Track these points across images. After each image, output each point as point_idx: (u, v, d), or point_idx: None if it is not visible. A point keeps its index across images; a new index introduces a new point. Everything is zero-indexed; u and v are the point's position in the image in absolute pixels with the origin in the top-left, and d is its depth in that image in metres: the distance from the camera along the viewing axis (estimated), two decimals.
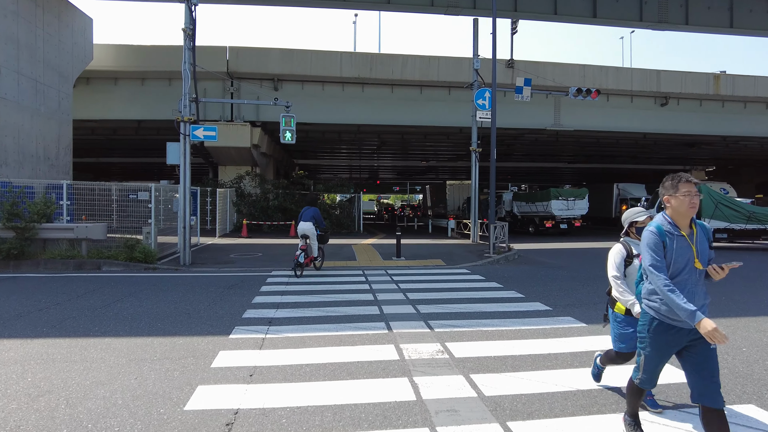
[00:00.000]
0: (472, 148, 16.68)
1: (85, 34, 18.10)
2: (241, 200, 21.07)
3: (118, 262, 10.23)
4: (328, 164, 45.40)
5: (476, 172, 16.76)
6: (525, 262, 12.30)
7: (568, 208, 23.20)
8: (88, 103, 21.28)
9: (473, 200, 16.77)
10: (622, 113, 25.15)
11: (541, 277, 9.68)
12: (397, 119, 22.80)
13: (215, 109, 21.59)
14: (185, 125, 10.74)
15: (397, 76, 21.60)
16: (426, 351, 4.77)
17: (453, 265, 11.22)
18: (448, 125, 23.61)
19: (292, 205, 20.83)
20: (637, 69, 24.30)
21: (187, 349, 4.83)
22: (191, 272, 10.00)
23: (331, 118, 22.29)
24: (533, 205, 24.51)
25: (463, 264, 11.41)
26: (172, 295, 7.51)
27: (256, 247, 14.37)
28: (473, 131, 16.94)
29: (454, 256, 12.74)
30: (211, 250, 13.72)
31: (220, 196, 17.89)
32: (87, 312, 6.34)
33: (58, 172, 16.30)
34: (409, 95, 22.61)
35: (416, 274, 9.89)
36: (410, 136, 27.18)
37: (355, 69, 21.24)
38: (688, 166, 44.07)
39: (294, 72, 21.10)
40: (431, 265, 11.11)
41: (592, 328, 5.70)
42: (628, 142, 30.80)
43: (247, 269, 10.39)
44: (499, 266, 11.38)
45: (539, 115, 24.03)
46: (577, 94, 17.47)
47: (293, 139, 11.49)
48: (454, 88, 22.73)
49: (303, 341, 5.10)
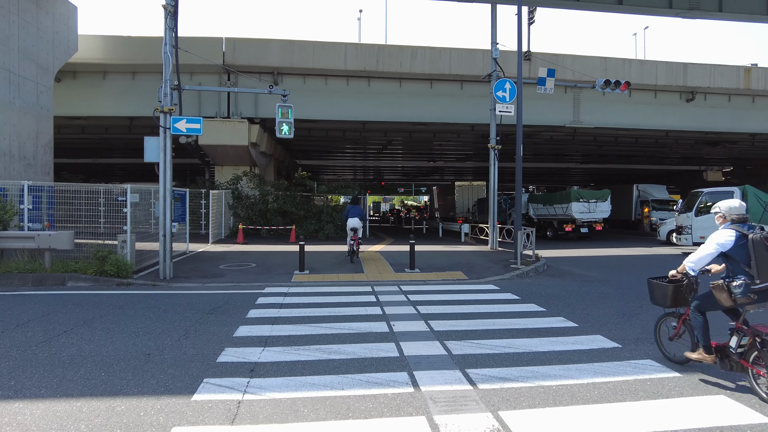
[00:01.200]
0: (491, 144, 15.12)
1: (69, 23, 16.67)
2: (238, 203, 19.57)
3: (87, 277, 8.74)
4: (332, 165, 43.95)
5: (495, 171, 15.20)
6: (557, 274, 10.73)
7: (590, 210, 21.60)
8: (74, 99, 19.90)
9: (491, 203, 15.22)
10: (645, 109, 23.54)
11: (585, 296, 8.12)
12: (405, 115, 21.28)
13: (211, 105, 20.15)
14: (165, 117, 9.26)
15: (405, 69, 20.08)
16: (473, 427, 3.23)
17: (477, 280, 9.66)
18: (459, 122, 22.08)
19: (292, 207, 19.31)
20: (662, 62, 22.68)
21: (126, 423, 3.31)
22: (170, 289, 8.50)
23: (334, 114, 20.79)
24: (551, 208, 22.91)
25: (489, 278, 9.86)
26: (136, 324, 6.00)
27: (251, 256, 12.86)
28: (492, 126, 15.37)
29: (475, 267, 11.19)
30: (200, 259, 12.22)
31: (214, 199, 16.42)
32: (14, 352, 4.83)
33: (36, 173, 14.86)
34: (419, 90, 21.08)
35: (436, 292, 8.35)
36: (418, 134, 25.65)
37: (360, 61, 19.73)
38: (703, 167, 42.40)
39: (295, 65, 19.61)
40: (451, 280, 9.57)
41: (700, 384, 4.14)
42: (648, 141, 29.17)
43: (237, 285, 8.88)
44: (530, 280, 9.81)
45: (557, 112, 22.46)
46: (605, 87, 15.91)
47: (291, 133, 9.99)
48: (467, 82, 21.20)
49: (294, 408, 3.57)
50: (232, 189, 19.48)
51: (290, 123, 9.94)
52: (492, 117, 15.33)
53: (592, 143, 30.22)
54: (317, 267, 10.87)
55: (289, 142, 29.36)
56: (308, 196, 21.96)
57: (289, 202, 19.34)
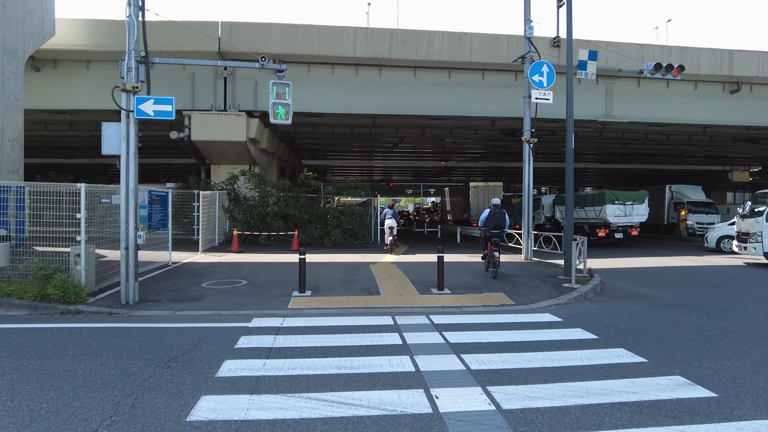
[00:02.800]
0: (526, 138, 12.98)
1: (44, 3, 14.75)
2: (235, 205, 17.54)
3: (23, 303, 6.74)
4: (339, 165, 41.99)
5: (530, 168, 13.06)
6: (621, 295, 8.58)
7: (625, 213, 19.40)
8: (55, 90, 18.05)
9: (526, 205, 13.09)
10: (684, 102, 21.32)
11: (684, 333, 5.97)
12: (420, 108, 19.20)
13: (205, 96, 18.19)
14: (128, 97, 7.26)
15: (421, 57, 18.01)
16: None
17: (527, 305, 7.54)
18: (480, 115, 19.98)
19: (295, 210, 17.23)
20: (705, 49, 20.43)
21: None
22: (128, 320, 6.48)
23: (342, 106, 18.75)
24: (582, 211, 20.71)
25: (540, 302, 7.74)
26: (46, 391, 3.96)
27: (244, 269, 10.82)
28: (525, 116, 13.23)
29: (518, 285, 9.05)
30: (182, 273, 10.19)
31: (205, 201, 14.40)
32: None
33: (1, 171, 12.96)
34: (436, 80, 19.00)
35: (481, 327, 6.25)
36: (433, 130, 23.58)
37: (371, 47, 17.69)
38: (728, 167, 39.98)
39: (298, 52, 17.59)
40: (494, 306, 7.45)
41: None
42: (680, 138, 26.91)
43: (216, 313, 6.83)
44: (593, 306, 7.68)
45: (588, 105, 20.27)
46: (655, 71, 13.76)
47: (288, 118, 7.94)
48: (489, 71, 19.11)
49: None
50: (228, 190, 17.47)
51: (287, 105, 7.89)
52: (526, 105, 13.20)
53: (617, 141, 27.99)
54: (322, 286, 8.81)
55: (294, 139, 27.37)
56: (313, 198, 19.94)
57: (291, 205, 17.28)
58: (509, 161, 38.09)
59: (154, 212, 10.38)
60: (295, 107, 18.90)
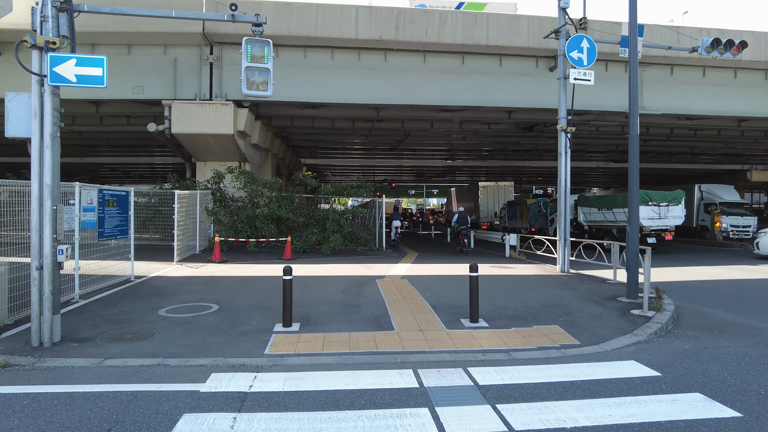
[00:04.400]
0: (562, 126, 10.89)
1: None
2: (221, 207, 15.45)
3: None
4: (340, 165, 39.96)
5: (567, 162, 10.97)
6: (710, 324, 6.47)
7: (660, 216, 17.29)
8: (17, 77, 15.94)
9: (562, 207, 10.99)
10: (722, 92, 19.20)
11: None
12: (429, 97, 17.13)
13: (188, 84, 16.08)
14: (41, 56, 5.19)
15: (432, 39, 15.93)
16: None
17: (595, 344, 5.45)
18: (495, 105, 17.87)
19: (289, 213, 15.11)
20: (747, 32, 18.30)
21: None
22: (26, 380, 4.40)
23: (343, 95, 16.67)
24: (609, 213, 18.60)
25: (611, 339, 5.63)
26: None
27: (219, 287, 8.74)
28: (561, 101, 11.14)
29: (573, 313, 6.92)
30: (139, 294, 8.10)
31: (183, 202, 12.32)
32: None
33: None
34: (447, 65, 16.93)
35: (549, 392, 4.16)
36: (442, 124, 21.50)
37: (375, 28, 15.62)
38: (746, 166, 37.91)
39: (293, 33, 15.51)
40: (552, 347, 5.36)
41: None
42: (709, 134, 24.81)
43: (162, 364, 4.75)
44: (686, 345, 5.56)
45: (616, 95, 18.13)
46: (712, 49, 11.72)
47: (267, 88, 5.89)
48: (507, 56, 17.03)
49: None
50: (212, 190, 15.38)
51: (267, 72, 5.83)
52: (561, 89, 11.11)
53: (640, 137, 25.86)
54: (315, 314, 6.71)
55: (290, 135, 25.24)
56: (310, 198, 17.86)
57: (285, 206, 15.16)
58: (519, 160, 35.92)
59: (108, 216, 8.32)
60: (290, 96, 16.88)
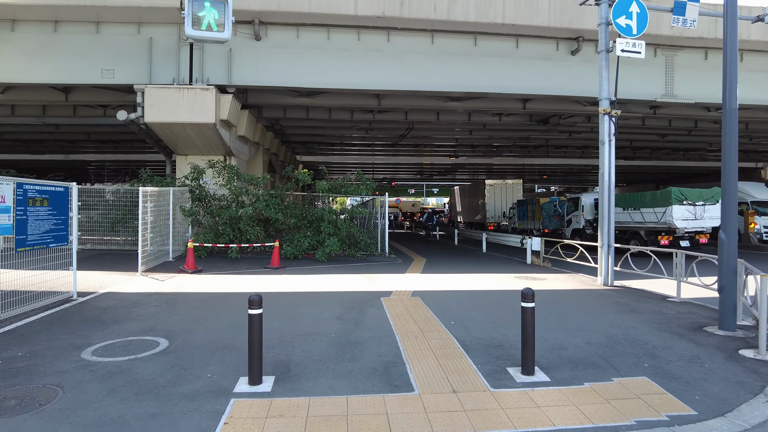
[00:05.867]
0: (604, 108, 8.97)
1: None
2: (200, 206, 13.50)
3: None
4: (338, 162, 37.98)
5: (611, 150, 9.04)
6: None
7: (696, 216, 15.47)
8: None
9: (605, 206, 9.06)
10: (760, 79, 17.34)
11: None
12: (437, 83, 15.23)
13: (166, 67, 14.15)
14: None
15: (441, 17, 14.03)
16: None
17: (720, 414, 3.57)
18: (510, 92, 15.96)
19: (278, 213, 13.17)
20: None
21: None
22: None
23: (340, 80, 14.75)
24: (637, 213, 16.73)
25: (734, 401, 3.76)
26: None
27: (179, 309, 6.83)
28: (601, 79, 9.20)
29: (655, 354, 5.03)
30: (68, 322, 6.17)
31: (150, 201, 10.40)
32: None
33: None
34: (458, 47, 15.03)
35: None
36: (448, 115, 19.59)
37: (377, 4, 13.72)
38: (761, 164, 36.09)
39: (284, 9, 13.60)
40: (655, 420, 3.48)
41: None
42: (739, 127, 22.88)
43: None
44: None
45: (644, 82, 16.29)
46: None
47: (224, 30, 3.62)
48: (524, 37, 15.15)
49: None
50: (190, 187, 13.44)
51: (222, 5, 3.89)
52: (602, 64, 9.19)
53: (658, 132, 24.08)
54: (298, 359, 4.77)
55: (283, 128, 23.27)
56: (303, 197, 15.94)
57: (273, 205, 13.23)
58: (527, 157, 34.00)
59: (34, 219, 6.41)
60: (281, 82, 14.72)
